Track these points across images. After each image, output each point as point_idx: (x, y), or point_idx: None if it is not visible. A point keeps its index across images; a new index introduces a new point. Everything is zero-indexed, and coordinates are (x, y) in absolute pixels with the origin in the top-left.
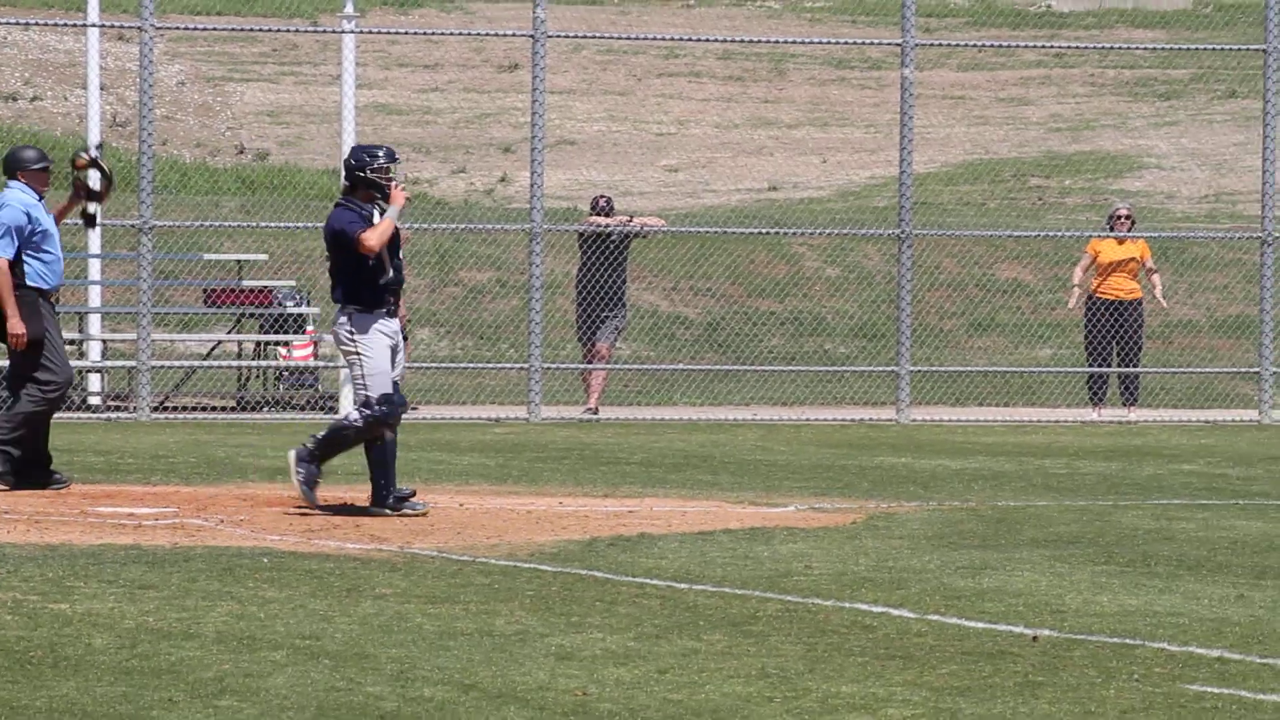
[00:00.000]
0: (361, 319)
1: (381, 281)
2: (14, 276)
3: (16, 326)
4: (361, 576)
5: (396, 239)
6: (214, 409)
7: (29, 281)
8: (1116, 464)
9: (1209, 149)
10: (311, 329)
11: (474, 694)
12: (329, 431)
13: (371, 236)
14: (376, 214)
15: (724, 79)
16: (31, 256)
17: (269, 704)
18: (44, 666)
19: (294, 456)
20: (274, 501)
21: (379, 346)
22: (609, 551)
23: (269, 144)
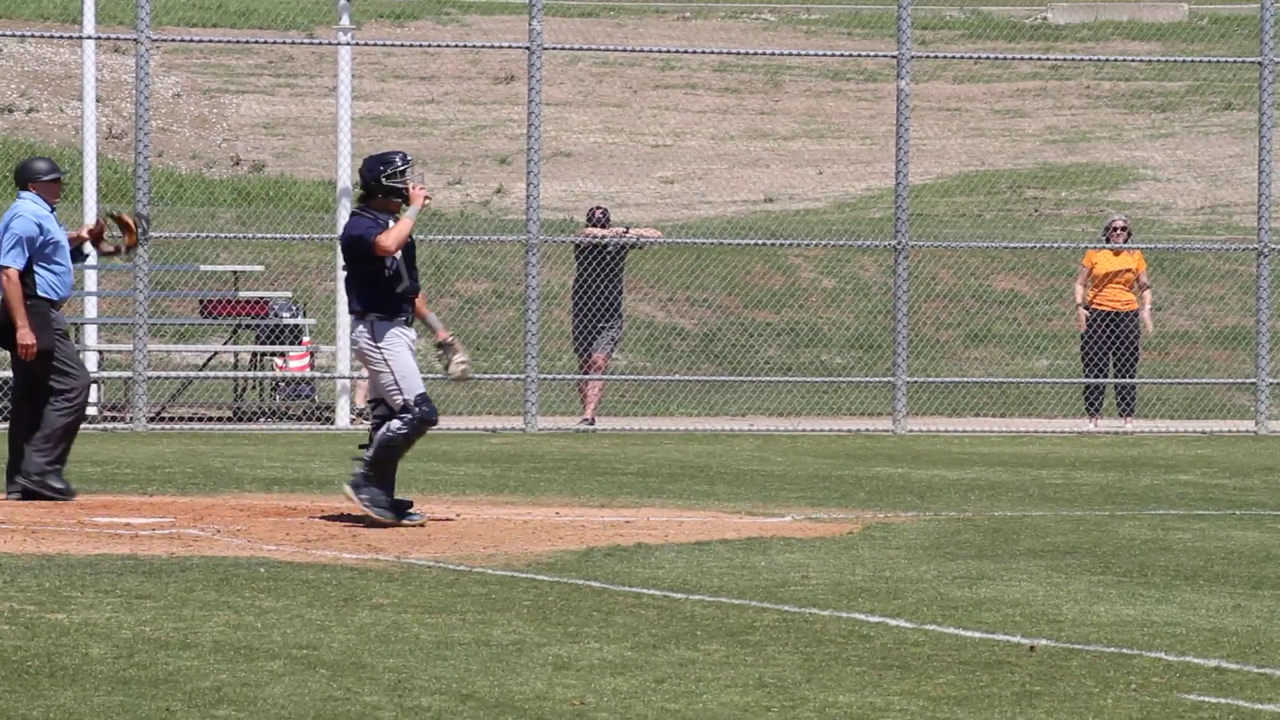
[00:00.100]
0: (381, 326)
1: (399, 290)
2: (24, 287)
3: (26, 337)
4: (358, 586)
5: (413, 249)
6: (210, 419)
7: (39, 292)
8: (1113, 474)
9: (1205, 161)
10: (307, 340)
11: (471, 704)
12: (376, 449)
13: (388, 238)
14: (392, 222)
15: (720, 91)
16: (43, 268)
17: (266, 714)
18: (41, 676)
19: (350, 489)
20: (270, 511)
21: (402, 349)
22: (606, 561)
23: (265, 156)
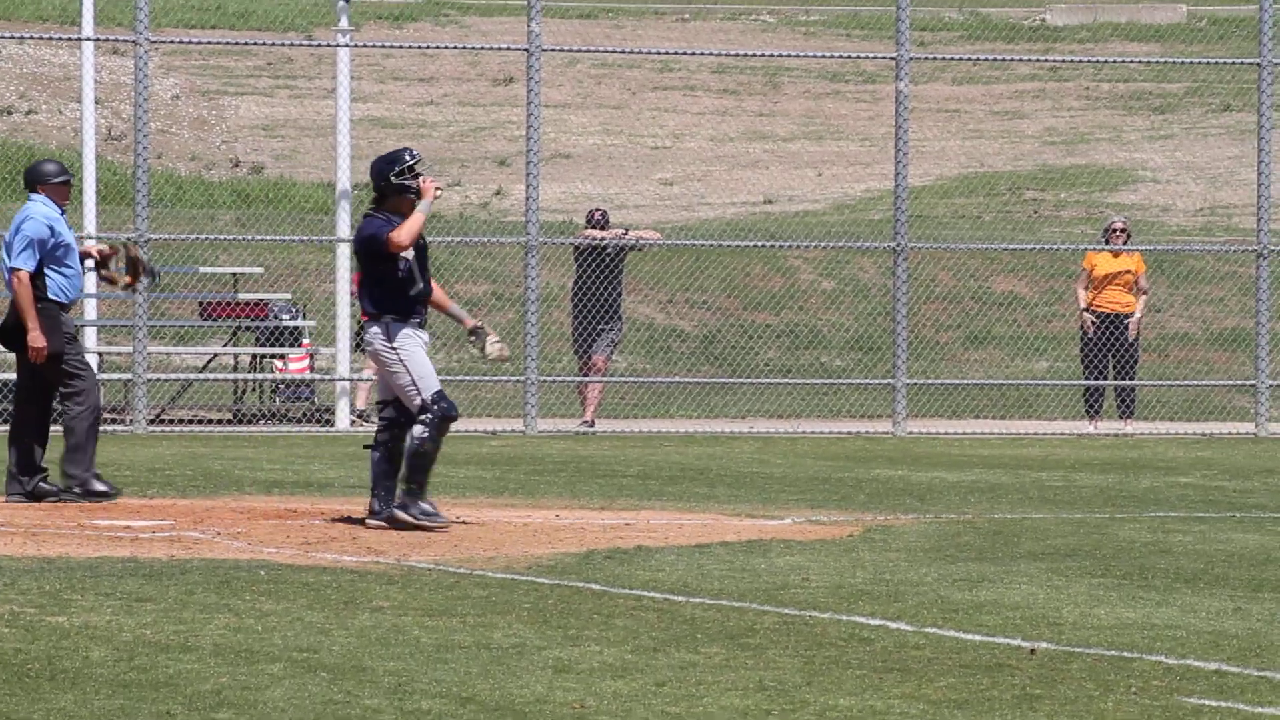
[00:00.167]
0: (395, 327)
1: (412, 293)
2: (35, 290)
3: (37, 340)
4: (359, 589)
5: (425, 251)
6: (210, 422)
7: (50, 295)
8: (1113, 477)
9: (1204, 162)
10: (307, 342)
11: (471, 706)
12: (409, 460)
13: (401, 233)
14: None
15: (719, 92)
16: (53, 270)
17: (266, 717)
18: (41, 679)
19: (397, 510)
20: (271, 514)
21: (417, 349)
22: (606, 564)
23: (264, 157)
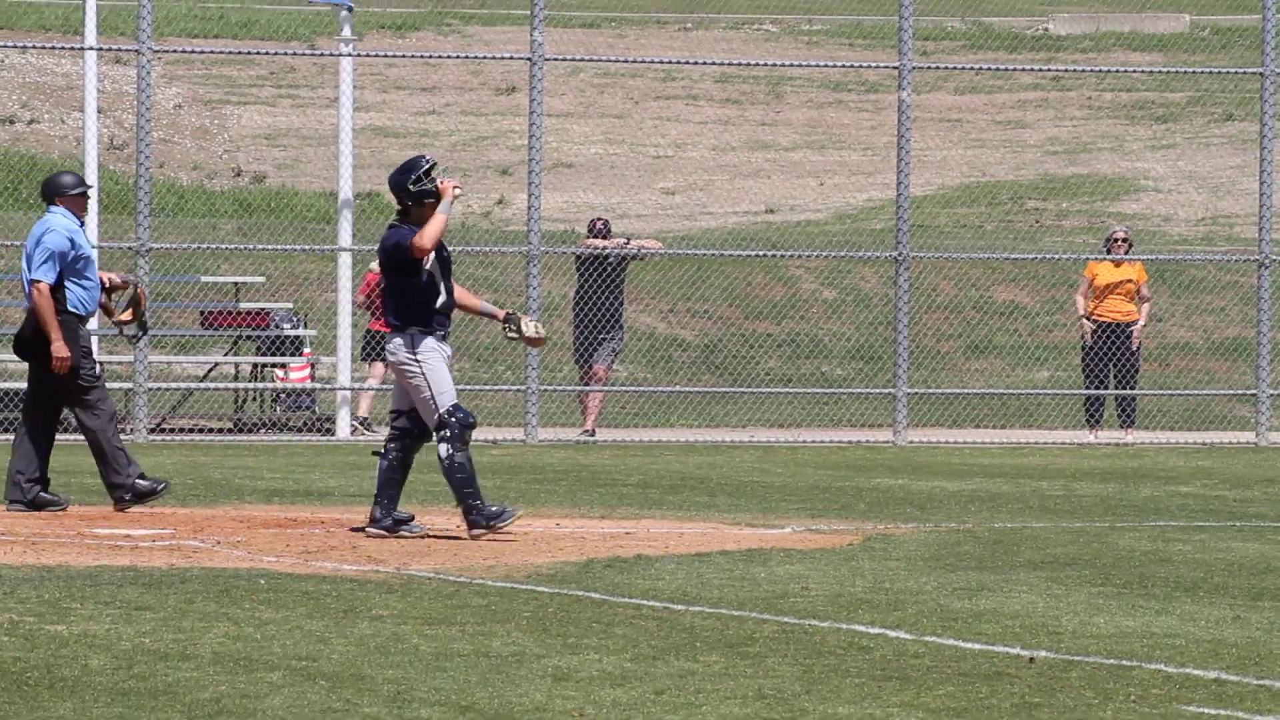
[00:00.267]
0: (419, 338)
1: (437, 305)
2: (55, 301)
3: (61, 350)
4: (358, 598)
5: (449, 263)
6: (211, 431)
7: (69, 307)
8: (1113, 486)
9: (1206, 172)
10: (308, 351)
11: (471, 715)
12: (451, 481)
13: (423, 237)
14: None
15: (721, 102)
16: (73, 283)
17: None
18: (41, 688)
19: (472, 533)
20: (270, 523)
21: (439, 363)
22: (606, 573)
23: (266, 167)
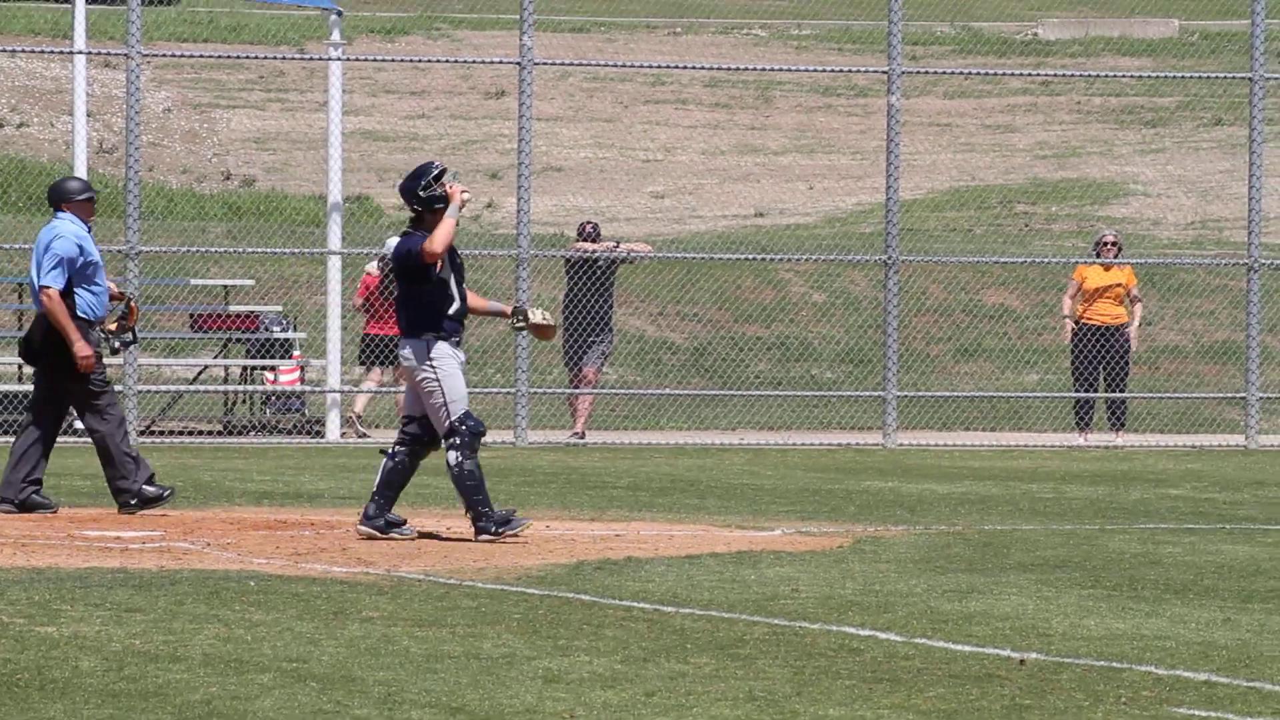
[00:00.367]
0: (434, 345)
1: (451, 312)
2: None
3: (83, 349)
4: (348, 599)
5: (462, 270)
6: (200, 433)
7: (79, 313)
8: (1103, 488)
9: (1195, 176)
10: (298, 354)
11: (461, 717)
12: (461, 489)
13: (433, 242)
14: None
15: (710, 106)
16: (83, 288)
17: None
18: (31, 689)
19: (481, 539)
20: (260, 525)
21: (455, 370)
22: (596, 575)
23: (255, 170)
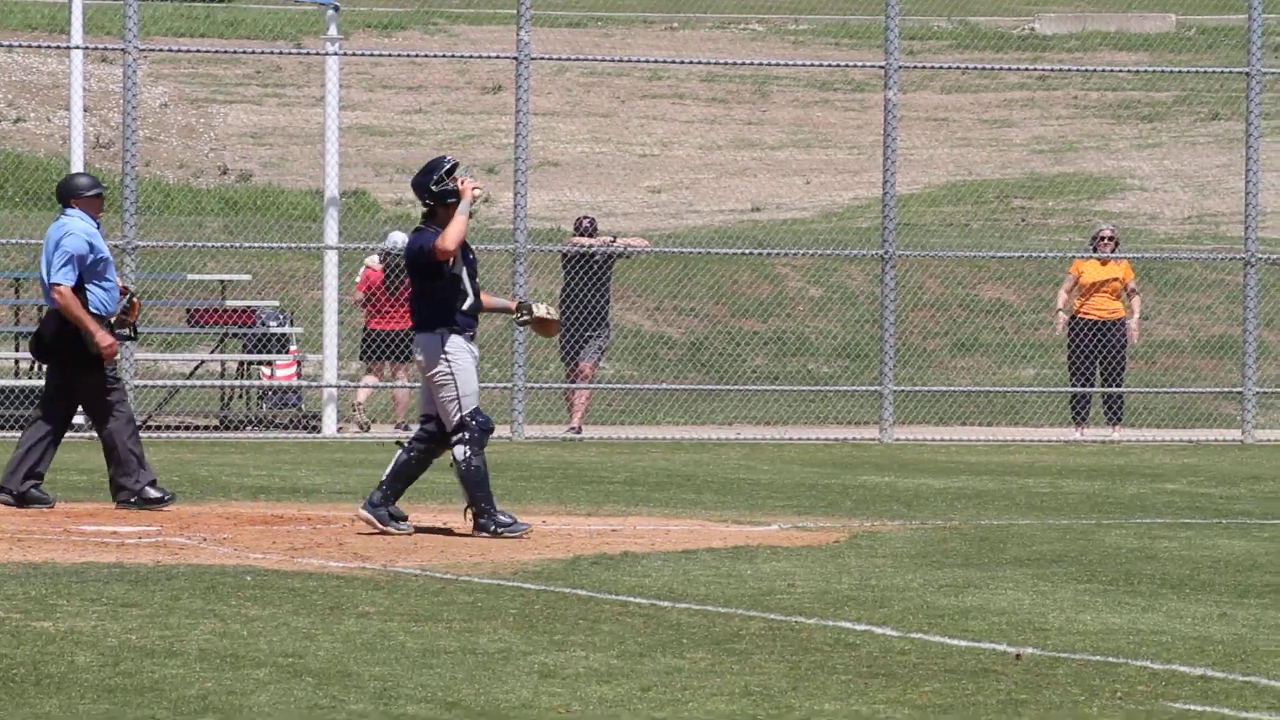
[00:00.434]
0: (450, 340)
1: (465, 307)
2: None
3: (104, 339)
4: (344, 594)
5: (475, 265)
6: (197, 428)
7: (90, 309)
8: (1100, 483)
9: (1192, 170)
10: (294, 349)
11: (457, 712)
12: (465, 484)
13: (445, 239)
14: None
15: (707, 101)
16: (94, 285)
17: None
18: (27, 685)
19: (479, 533)
20: (257, 520)
21: (469, 366)
22: (592, 570)
23: (252, 165)
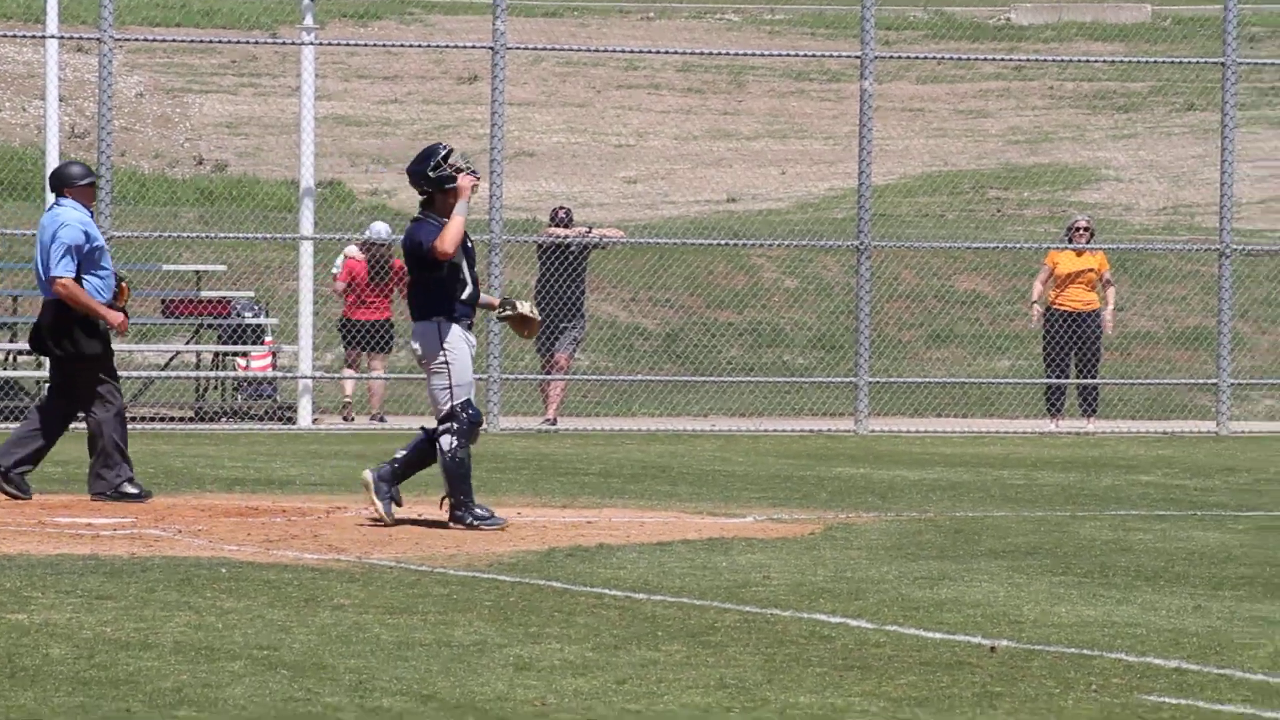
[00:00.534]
0: (446, 329)
1: (464, 297)
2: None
3: (114, 317)
4: (319, 587)
5: (473, 254)
6: (172, 419)
7: None
8: (1074, 475)
9: (1167, 161)
10: (270, 340)
11: (432, 704)
12: (448, 475)
13: (444, 241)
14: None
15: (683, 91)
16: (90, 274)
17: (227, 714)
18: (1, 677)
19: (453, 523)
20: (232, 512)
21: (465, 356)
22: (567, 562)
23: (228, 155)
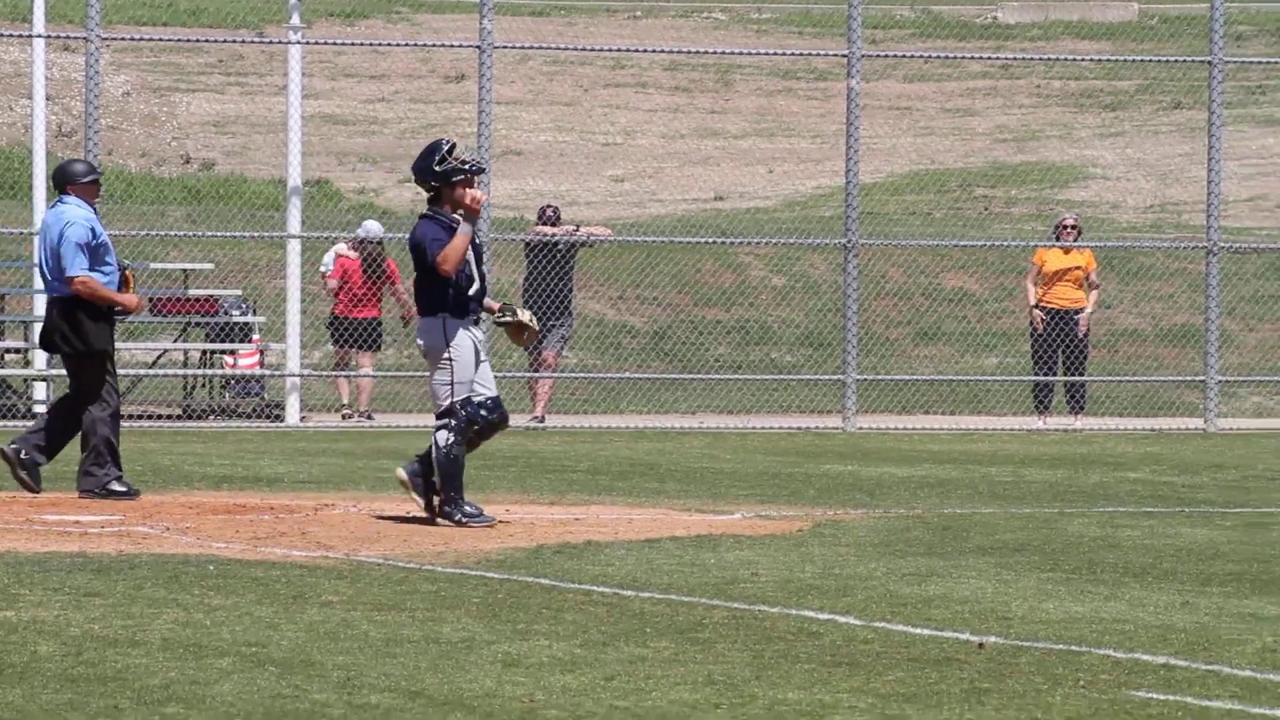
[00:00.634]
0: (452, 325)
1: (471, 292)
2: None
3: (129, 300)
4: (308, 584)
5: (480, 250)
6: (160, 417)
7: None
8: (1062, 472)
9: (1154, 159)
10: (257, 338)
11: (420, 701)
12: (441, 470)
13: (447, 260)
14: (457, 218)
15: (670, 89)
16: (96, 270)
17: (215, 711)
18: None
19: (440, 519)
20: (220, 509)
21: (469, 353)
22: (555, 559)
23: (215, 154)
